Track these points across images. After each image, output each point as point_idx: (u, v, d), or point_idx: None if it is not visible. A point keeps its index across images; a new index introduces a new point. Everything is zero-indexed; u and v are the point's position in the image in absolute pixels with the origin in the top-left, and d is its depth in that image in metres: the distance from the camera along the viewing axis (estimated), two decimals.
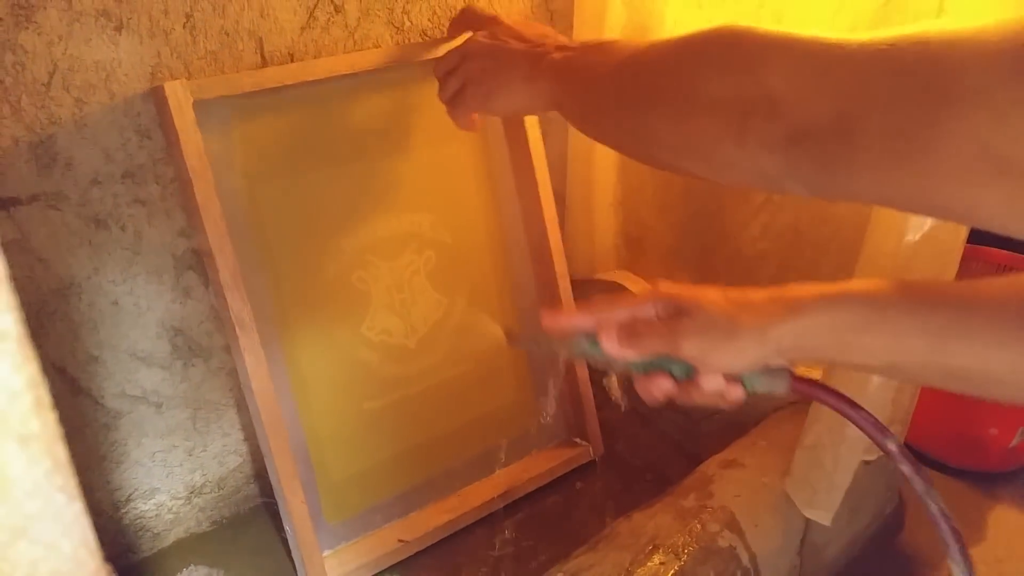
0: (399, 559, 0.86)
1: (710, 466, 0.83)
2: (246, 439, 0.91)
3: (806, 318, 0.47)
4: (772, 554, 0.78)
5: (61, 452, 0.25)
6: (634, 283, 1.05)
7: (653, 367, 0.52)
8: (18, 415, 0.23)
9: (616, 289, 1.05)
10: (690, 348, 0.49)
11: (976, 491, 0.97)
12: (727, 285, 0.52)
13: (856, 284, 0.47)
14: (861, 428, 0.47)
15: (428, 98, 0.81)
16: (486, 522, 0.90)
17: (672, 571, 0.72)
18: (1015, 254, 1.11)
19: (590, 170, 1.02)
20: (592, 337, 0.53)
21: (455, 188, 0.90)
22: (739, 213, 0.94)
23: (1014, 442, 0.98)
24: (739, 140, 0.42)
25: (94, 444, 0.80)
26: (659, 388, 0.52)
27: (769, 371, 0.50)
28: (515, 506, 0.92)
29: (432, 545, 0.87)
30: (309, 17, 0.80)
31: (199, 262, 0.81)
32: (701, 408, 0.56)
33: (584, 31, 0.95)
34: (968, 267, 1.15)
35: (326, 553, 0.83)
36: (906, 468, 0.45)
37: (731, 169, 0.44)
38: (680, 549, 0.74)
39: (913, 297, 0.45)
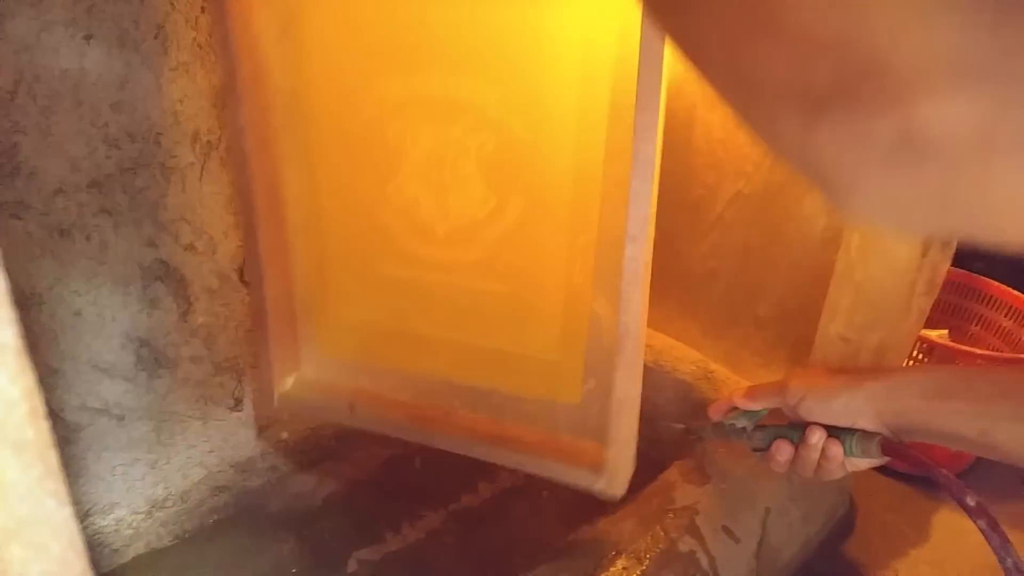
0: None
1: (672, 473, 0.84)
2: (212, 450, 0.89)
3: (896, 380, 0.54)
4: (731, 558, 0.79)
5: (53, 459, 0.26)
6: None
7: (776, 435, 0.64)
8: (14, 423, 0.24)
9: None
10: (793, 390, 0.59)
11: (923, 494, 1.00)
12: (678, 304, 0.60)
13: (948, 365, 0.54)
14: (939, 484, 0.51)
15: None
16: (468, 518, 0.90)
17: (634, 575, 0.72)
18: (958, 270, 1.15)
19: None
20: (740, 412, 0.67)
21: (547, 62, 0.64)
22: (691, 231, 0.96)
23: None
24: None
25: None
26: (780, 452, 0.61)
27: (864, 434, 0.56)
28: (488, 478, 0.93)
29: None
30: None
31: (167, 273, 0.80)
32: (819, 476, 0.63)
33: None
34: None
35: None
36: (982, 524, 0.47)
37: None
38: (642, 554, 0.75)
39: (997, 373, 0.51)
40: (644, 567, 0.74)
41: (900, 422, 0.54)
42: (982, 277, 1.11)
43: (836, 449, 0.57)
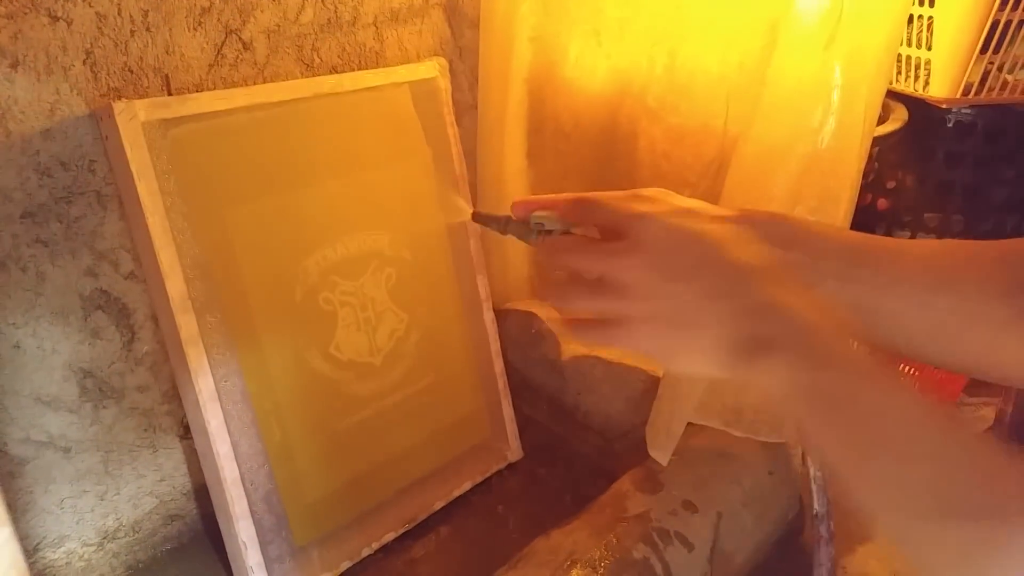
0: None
1: (624, 483, 0.83)
2: (163, 479, 0.87)
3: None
4: (685, 564, 0.79)
5: None
6: (547, 311, 1.05)
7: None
8: None
9: (529, 318, 1.04)
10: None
11: None
12: None
13: (788, 214, 0.51)
14: None
15: (378, 120, 0.86)
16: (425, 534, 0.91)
17: None
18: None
19: (501, 200, 1.02)
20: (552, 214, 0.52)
21: (410, 205, 0.90)
22: None
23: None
24: None
25: None
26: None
27: None
28: (445, 518, 0.93)
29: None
30: (217, 54, 0.78)
31: (109, 302, 0.77)
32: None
33: (490, 67, 0.95)
34: None
35: (292, 574, 0.81)
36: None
37: None
38: (597, 563, 0.74)
39: (830, 227, 0.49)
40: (599, 575, 0.73)
41: None
42: None
43: None
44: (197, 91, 0.77)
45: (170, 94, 0.75)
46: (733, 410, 0.84)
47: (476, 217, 0.60)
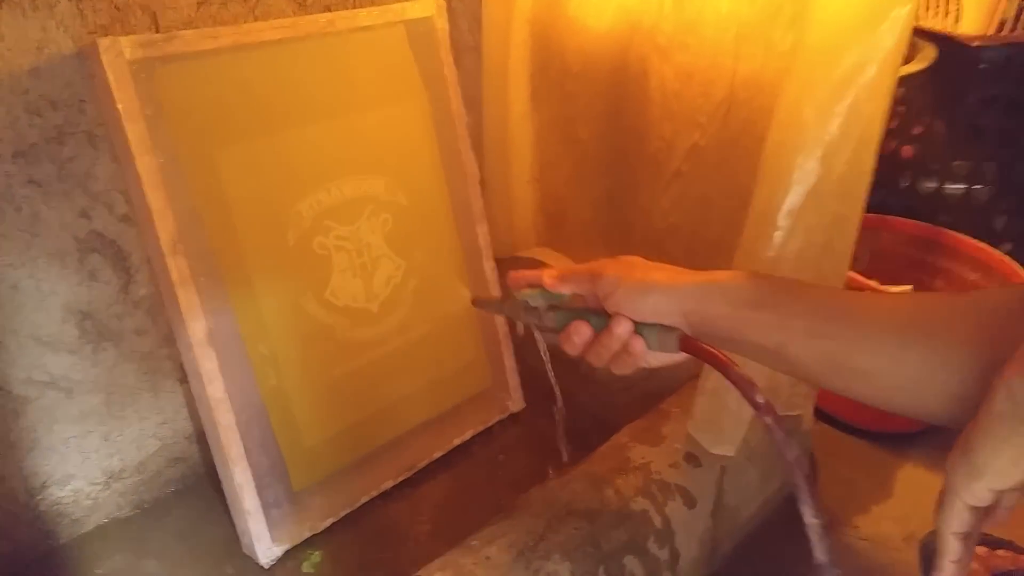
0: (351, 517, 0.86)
1: (624, 435, 0.82)
2: (164, 422, 0.88)
3: (710, 285, 0.52)
4: (685, 517, 0.77)
5: None
6: (555, 259, 1.04)
7: (574, 317, 0.58)
8: None
9: (536, 265, 1.03)
10: (606, 280, 0.55)
11: (885, 451, 0.97)
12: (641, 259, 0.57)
13: (761, 273, 0.53)
14: (736, 384, 0.49)
15: (372, 61, 0.85)
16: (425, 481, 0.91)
17: (585, 535, 0.71)
18: (924, 223, 1.11)
19: (506, 146, 1.00)
20: (539, 287, 0.60)
21: (407, 149, 0.89)
22: (651, 186, 0.93)
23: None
24: None
25: (2, 431, 0.76)
26: (579, 334, 0.56)
27: (664, 328, 0.54)
28: (445, 467, 0.93)
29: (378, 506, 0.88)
30: None
31: (104, 244, 0.78)
32: (610, 371, 0.59)
33: (492, 6, 0.92)
34: (877, 237, 1.15)
35: (290, 520, 0.82)
36: (769, 420, 0.46)
37: None
38: (594, 514, 0.73)
39: (803, 287, 0.50)
40: (595, 527, 0.72)
41: (705, 327, 0.53)
42: (946, 230, 1.07)
43: (639, 344, 0.55)
44: (185, 29, 0.75)
45: (158, 32, 0.74)
46: (769, 391, 0.81)
47: (476, 303, 0.69)
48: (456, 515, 0.87)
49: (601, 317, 0.56)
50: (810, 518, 0.45)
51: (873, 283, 0.96)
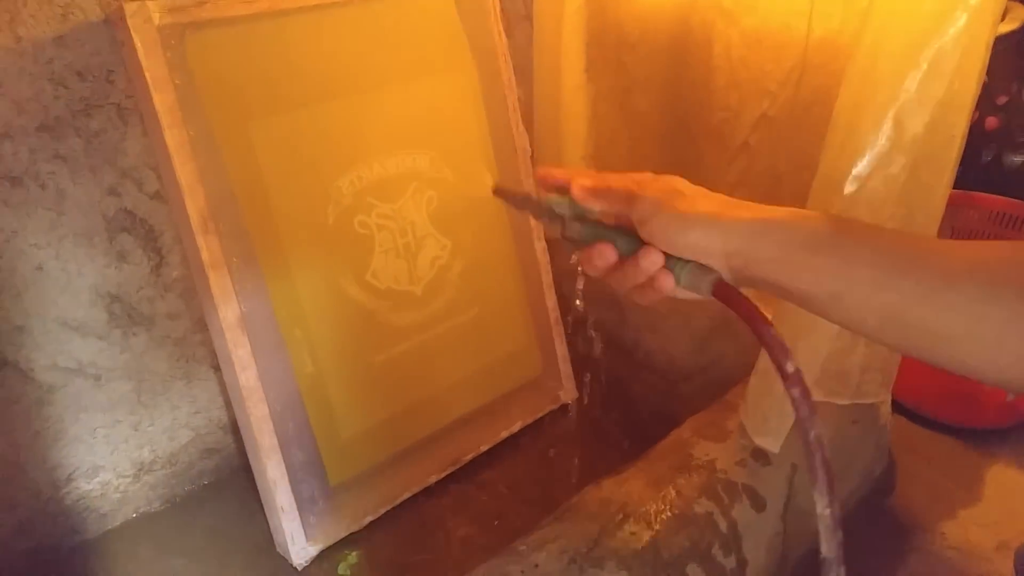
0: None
1: (686, 430, 0.77)
2: (197, 411, 0.85)
3: (761, 224, 0.46)
4: (753, 521, 0.72)
5: None
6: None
7: (601, 236, 0.52)
8: None
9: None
10: (643, 205, 0.49)
11: (972, 449, 0.90)
12: None
13: (821, 212, 0.46)
14: (764, 342, 0.44)
15: (418, 29, 0.81)
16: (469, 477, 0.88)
17: (644, 541, 0.66)
18: (1011, 199, 1.04)
19: (558, 121, 0.95)
20: (566, 192, 0.54)
21: (454, 123, 0.85)
22: (716, 160, 0.88)
23: (1011, 396, 0.91)
24: None
25: (26, 420, 0.74)
26: (602, 257, 0.51)
27: (700, 267, 0.48)
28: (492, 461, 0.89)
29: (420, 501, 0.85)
30: None
31: (134, 224, 0.74)
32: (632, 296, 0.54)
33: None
34: (964, 215, 1.08)
35: (327, 517, 0.78)
36: (795, 391, 0.41)
37: None
38: (653, 517, 0.68)
39: (870, 231, 0.45)
40: (655, 531, 0.67)
41: (751, 271, 0.47)
42: None
43: (667, 281, 0.49)
44: None
45: None
46: (837, 377, 0.76)
47: (497, 192, 0.62)
48: (503, 515, 0.83)
49: (631, 239, 0.51)
50: (822, 508, 0.41)
51: None
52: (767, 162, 0.83)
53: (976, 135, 1.08)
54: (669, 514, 0.68)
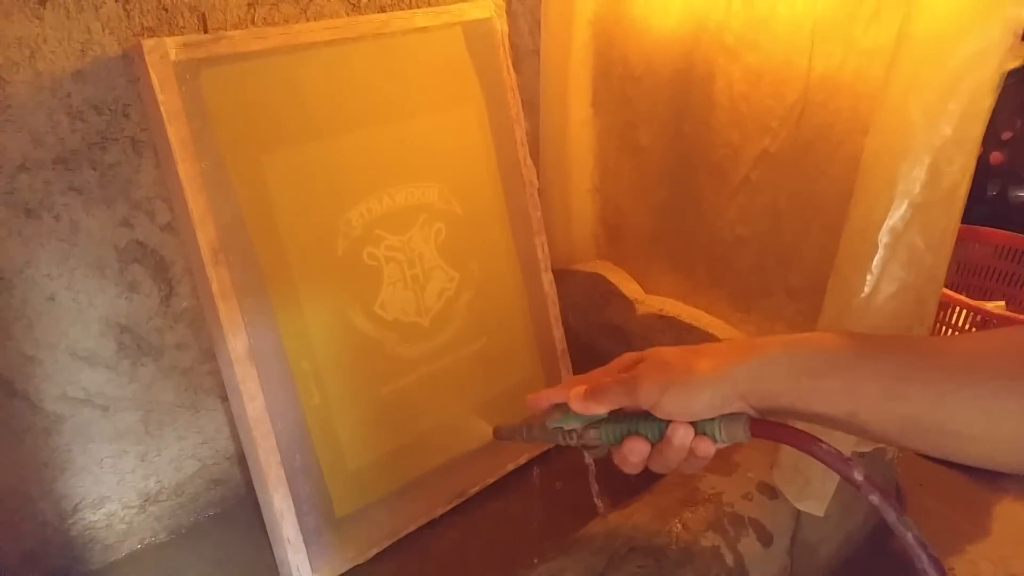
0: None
1: None
2: (204, 442, 0.85)
3: (763, 360, 0.47)
4: (760, 555, 0.71)
5: None
6: (614, 273, 0.99)
7: (625, 432, 0.53)
8: None
9: (596, 280, 0.98)
10: (647, 391, 0.50)
11: (980, 483, 0.90)
12: (706, 273, 0.52)
13: (815, 333, 0.48)
14: (826, 463, 0.45)
15: (428, 63, 0.83)
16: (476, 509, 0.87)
17: (648, 572, 0.65)
18: (1017, 234, 1.04)
19: (565, 154, 0.96)
20: (566, 408, 0.55)
21: (463, 156, 0.86)
22: (716, 196, 0.88)
23: None
24: None
25: (34, 450, 0.74)
26: (634, 453, 0.52)
27: (728, 417, 0.49)
28: (498, 494, 0.89)
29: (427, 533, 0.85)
30: None
31: (145, 255, 0.75)
32: (682, 470, 0.55)
33: (552, 7, 0.89)
34: (970, 249, 1.08)
35: (332, 550, 0.78)
36: (875, 498, 0.42)
37: None
38: (659, 551, 0.68)
39: (868, 344, 0.46)
40: (660, 565, 0.67)
41: (767, 404, 0.48)
42: None
43: (706, 446, 0.50)
44: (234, 30, 0.73)
45: (206, 33, 0.72)
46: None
47: (498, 435, 0.64)
48: (509, 548, 0.82)
49: (653, 422, 0.52)
50: None
51: (962, 297, 0.90)
52: (768, 198, 0.83)
53: (981, 170, 1.09)
54: (675, 547, 0.68)
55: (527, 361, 0.94)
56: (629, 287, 0.98)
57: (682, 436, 0.50)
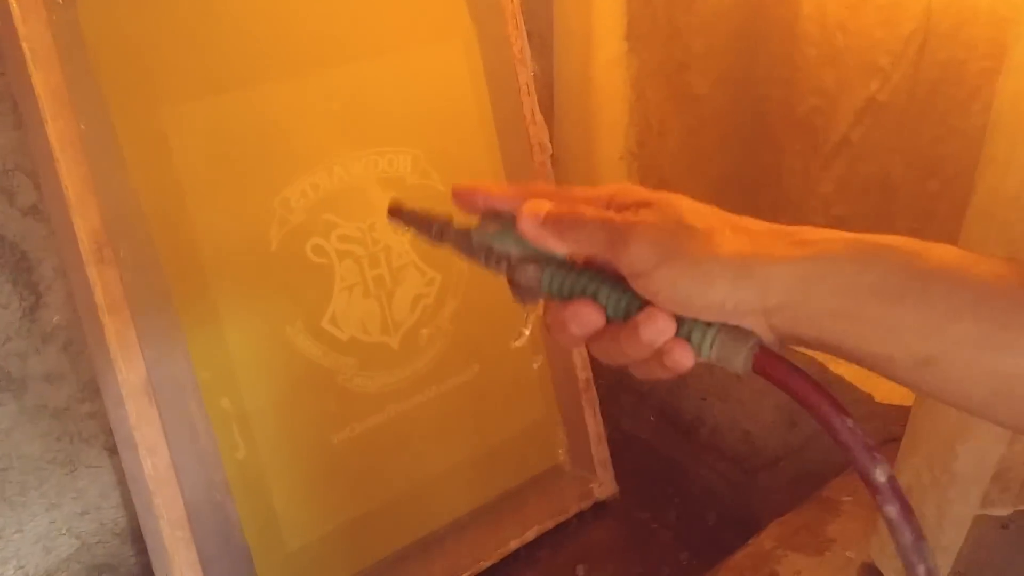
0: None
1: (768, 538, 0.79)
2: (85, 512, 0.85)
3: (813, 264, 0.44)
4: None
5: None
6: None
7: (579, 290, 0.50)
8: None
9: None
10: (639, 251, 0.46)
11: None
12: None
13: (900, 238, 0.45)
14: (839, 441, 0.43)
15: None
16: None
17: None
18: None
19: (588, 106, 0.97)
20: (509, 223, 0.52)
21: (446, 110, 0.86)
22: (804, 163, 0.89)
23: None
24: None
25: None
26: (581, 322, 0.49)
27: (730, 331, 0.46)
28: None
29: None
30: None
31: (2, 249, 0.75)
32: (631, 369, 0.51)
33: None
34: None
35: None
36: (892, 510, 0.41)
37: None
38: None
39: (969, 264, 0.44)
40: None
41: (801, 330, 0.46)
42: None
43: (683, 355, 0.47)
44: None
45: None
46: (999, 482, 0.76)
47: (394, 214, 0.59)
48: None
49: (622, 293, 0.49)
50: None
51: None
52: (876, 166, 0.84)
53: None
54: None
55: (536, 397, 0.94)
56: None
57: (657, 329, 0.47)
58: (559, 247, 0.50)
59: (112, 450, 0.84)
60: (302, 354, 0.79)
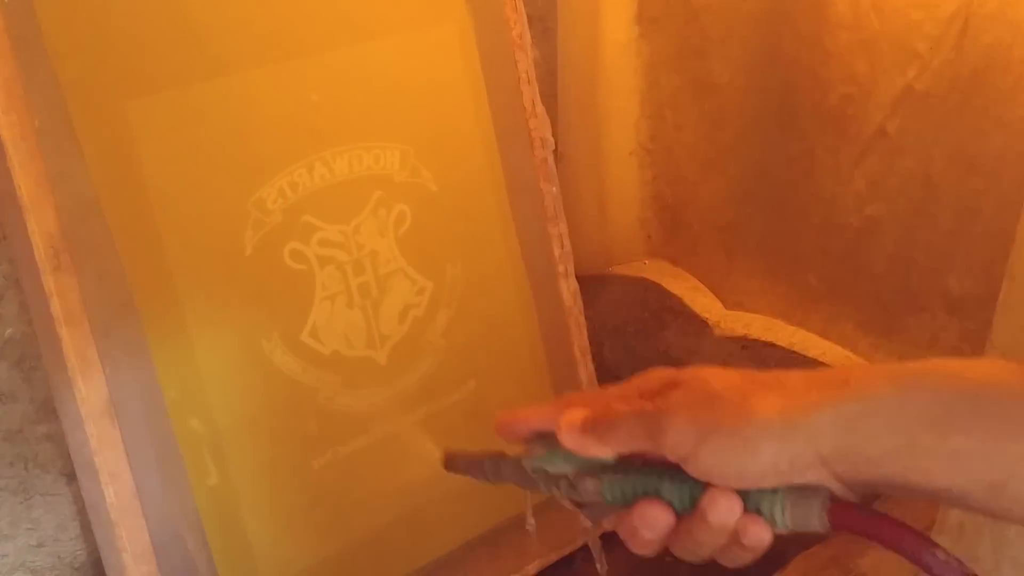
0: None
1: (795, 572, 0.80)
2: (40, 544, 0.85)
3: (861, 403, 0.46)
4: None
5: None
6: (674, 279, 1.00)
7: (639, 491, 0.52)
8: None
9: (645, 289, 0.99)
10: (678, 433, 0.48)
11: None
12: (819, 277, 0.52)
13: (944, 361, 0.48)
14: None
15: None
16: None
17: None
18: None
19: (596, 97, 0.97)
20: (553, 442, 0.54)
21: (437, 102, 0.87)
22: (836, 158, 0.90)
23: None
24: None
25: None
26: (650, 524, 0.51)
27: (798, 492, 0.47)
28: None
29: None
30: None
31: None
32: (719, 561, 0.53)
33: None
34: None
35: None
36: None
37: None
38: None
39: (1018, 377, 0.46)
40: None
41: (864, 475, 0.46)
42: None
43: (759, 530, 0.48)
44: None
45: None
46: None
47: (450, 464, 0.65)
48: None
49: (682, 483, 0.50)
50: None
51: None
52: (913, 161, 0.85)
53: None
54: None
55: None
56: (698, 299, 1.00)
57: (724, 510, 0.48)
58: (604, 451, 0.52)
59: (70, 476, 0.84)
60: (279, 370, 0.80)
